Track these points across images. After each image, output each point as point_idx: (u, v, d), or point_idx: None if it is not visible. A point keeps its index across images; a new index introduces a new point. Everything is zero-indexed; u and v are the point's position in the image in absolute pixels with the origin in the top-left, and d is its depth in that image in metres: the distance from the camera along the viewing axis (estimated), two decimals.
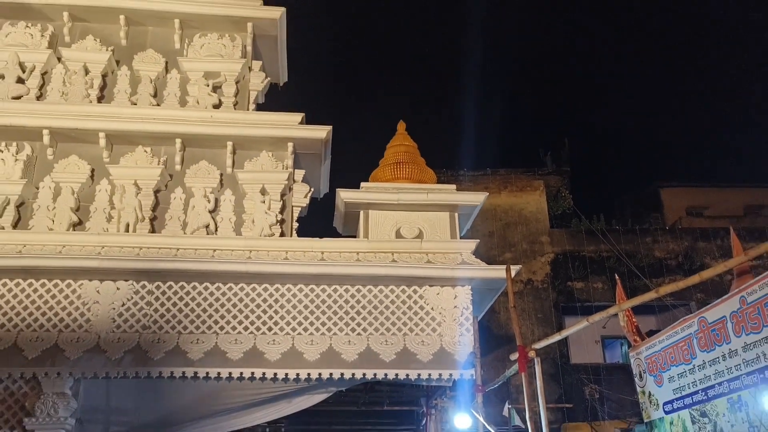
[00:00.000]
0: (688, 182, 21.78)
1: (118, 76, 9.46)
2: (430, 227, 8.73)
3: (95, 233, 8.20)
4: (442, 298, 8.13)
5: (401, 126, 9.85)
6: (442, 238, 8.64)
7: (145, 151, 8.89)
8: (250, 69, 9.89)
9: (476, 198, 8.91)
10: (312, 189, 9.24)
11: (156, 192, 8.74)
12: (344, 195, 8.70)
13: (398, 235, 8.65)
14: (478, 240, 8.75)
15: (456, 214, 8.85)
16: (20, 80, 9.08)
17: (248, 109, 9.61)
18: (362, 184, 8.97)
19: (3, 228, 8.19)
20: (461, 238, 8.94)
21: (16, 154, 8.59)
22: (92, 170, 8.75)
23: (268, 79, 10.10)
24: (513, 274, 8.00)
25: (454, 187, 9.27)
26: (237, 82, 9.66)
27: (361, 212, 8.81)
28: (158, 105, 9.31)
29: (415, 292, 8.18)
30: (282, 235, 8.66)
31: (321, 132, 9.02)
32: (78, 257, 7.75)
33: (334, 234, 9.34)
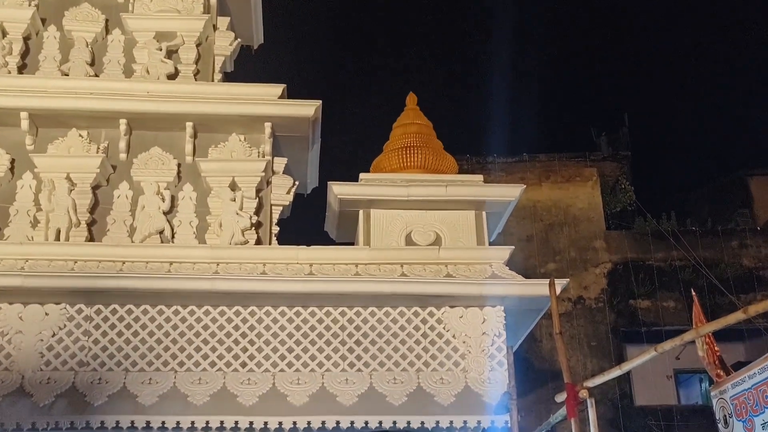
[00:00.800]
0: None
1: (44, 39, 9.49)
2: (450, 230, 8.72)
3: (16, 242, 8.19)
4: (466, 323, 8.12)
5: (411, 99, 9.84)
6: (465, 244, 8.63)
7: (80, 135, 8.91)
8: (215, 28, 9.91)
9: (510, 192, 8.88)
10: (297, 183, 9.25)
11: (95, 188, 8.75)
12: (338, 190, 8.70)
13: (409, 241, 8.64)
14: (513, 246, 8.73)
15: (484, 213, 8.85)
16: None
17: (213, 80, 9.63)
18: (361, 175, 8.97)
19: None
20: (491, 243, 8.91)
21: None
22: (12, 161, 8.76)
23: (239, 40, 10.13)
24: (559, 290, 7.96)
25: (480, 177, 9.26)
26: (198, 45, 9.68)
27: (361, 212, 8.81)
28: (96, 76, 9.34)
29: (431, 315, 8.17)
30: (258, 242, 8.66)
31: (308, 108, 9.02)
32: None
33: (325, 240, 9.33)
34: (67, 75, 9.24)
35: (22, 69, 9.33)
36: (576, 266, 17.86)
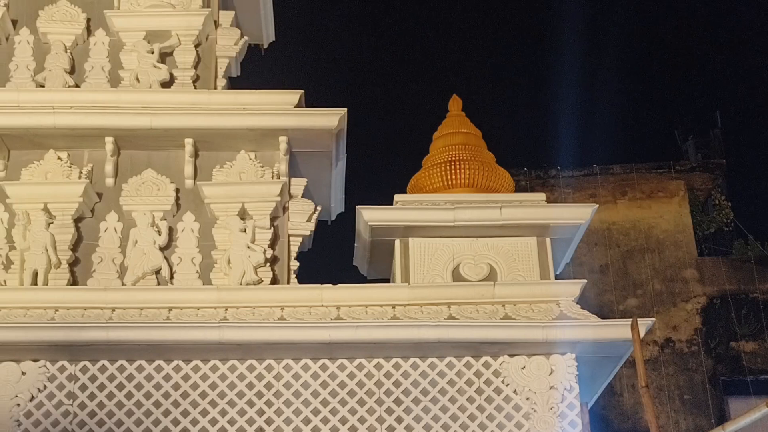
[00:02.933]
0: None
1: (15, 45, 9.67)
2: (506, 262, 8.71)
3: None
4: (530, 375, 8.09)
5: (455, 104, 9.88)
6: (526, 278, 8.62)
7: (59, 158, 9.05)
8: (216, 24, 10.04)
9: (579, 213, 8.87)
10: (319, 208, 9.30)
11: (77, 221, 8.87)
12: (369, 216, 8.73)
13: (457, 275, 8.64)
14: (585, 280, 8.69)
15: (547, 240, 8.84)
16: None
17: (216, 87, 9.75)
18: (397, 197, 9.00)
19: None
20: (557, 276, 8.89)
21: None
22: None
23: (245, 38, 10.24)
24: (643, 332, 7.91)
25: (542, 196, 9.24)
26: (197, 46, 9.81)
27: (397, 241, 8.83)
28: (77, 86, 9.50)
29: (486, 366, 8.15)
30: (275, 281, 8.71)
31: (330, 118, 9.09)
32: None
33: (355, 277, 9.36)
34: (43, 86, 9.40)
35: None
36: (662, 302, 17.69)
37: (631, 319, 8.02)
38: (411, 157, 10.29)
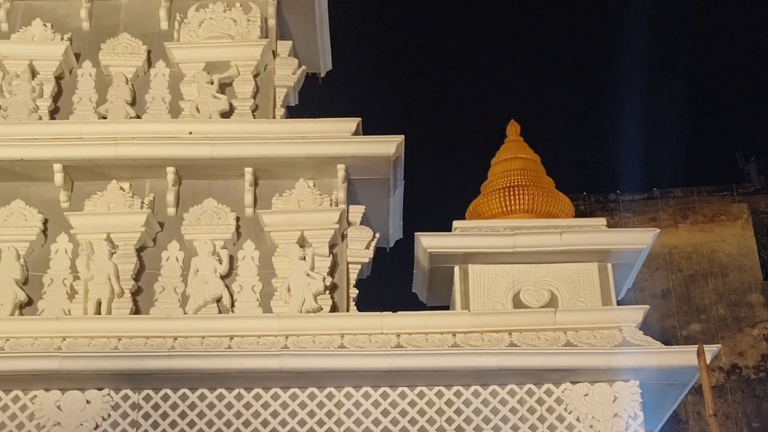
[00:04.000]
0: None
1: (78, 78, 9.89)
2: (567, 288, 8.68)
3: (52, 318, 8.47)
4: (593, 402, 8.02)
5: (513, 129, 9.88)
6: (587, 304, 8.58)
7: (122, 188, 9.21)
8: (274, 54, 10.16)
9: (640, 238, 8.80)
10: (378, 235, 9.33)
11: (139, 250, 9.01)
12: (428, 242, 8.74)
13: (517, 302, 8.62)
14: (647, 306, 8.59)
15: (609, 265, 8.78)
16: None
17: (274, 116, 9.85)
18: (455, 223, 9.00)
19: None
20: (619, 302, 8.82)
21: None
22: (45, 221, 9.10)
23: (303, 68, 10.34)
24: (709, 359, 7.80)
25: (603, 221, 9.20)
26: (256, 76, 9.94)
27: (457, 268, 8.83)
28: (138, 117, 9.67)
29: (548, 393, 8.09)
30: (334, 309, 8.75)
31: (388, 145, 9.14)
32: (28, 356, 8.01)
33: (414, 304, 9.35)
34: (105, 118, 9.59)
35: (54, 113, 9.73)
36: (727, 327, 17.42)
37: (696, 346, 7.91)
38: (469, 183, 10.27)
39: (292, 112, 10.52)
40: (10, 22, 10.18)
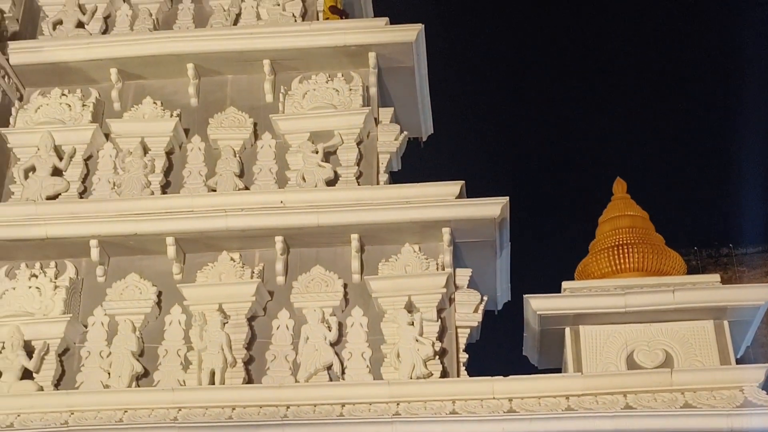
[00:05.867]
0: None
1: (188, 152, 10.21)
2: (683, 347, 8.50)
3: (167, 389, 8.65)
4: None
5: (620, 186, 9.80)
6: (704, 363, 8.39)
7: (232, 259, 9.42)
8: (376, 121, 10.33)
9: (757, 293, 8.59)
10: (485, 298, 9.30)
11: (250, 320, 9.16)
12: (537, 304, 8.68)
13: (631, 363, 8.48)
14: None
15: (725, 323, 8.60)
16: (57, 171, 10.04)
17: (378, 182, 9.98)
18: (564, 284, 8.92)
19: (42, 388, 8.89)
20: (738, 361, 8.60)
21: (56, 278, 9.39)
22: (159, 294, 9.36)
23: (405, 133, 10.48)
24: None
25: (717, 277, 8.99)
26: (359, 143, 10.11)
27: (568, 330, 8.74)
28: (247, 188, 9.89)
29: None
30: (445, 374, 8.71)
31: (493, 207, 9.15)
32: (145, 427, 8.19)
33: (526, 367, 9.26)
34: (215, 190, 9.84)
35: (165, 188, 10.04)
36: None
37: None
38: (577, 242, 10.18)
39: (395, 177, 10.63)
40: (122, 101, 10.59)
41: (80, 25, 11.02)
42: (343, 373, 8.82)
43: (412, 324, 8.80)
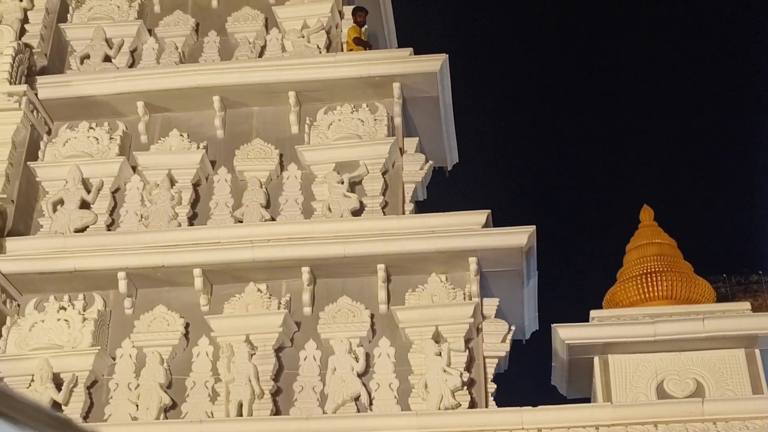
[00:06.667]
0: None
1: (214, 183, 10.26)
2: (713, 376, 8.44)
3: (195, 421, 8.67)
4: None
5: (647, 214, 9.78)
6: (735, 392, 8.34)
7: (259, 290, 9.43)
8: (402, 151, 10.35)
9: None
10: (513, 327, 9.27)
11: (278, 351, 9.16)
12: (565, 334, 8.64)
13: (661, 392, 8.43)
14: None
15: (756, 351, 8.55)
16: (85, 204, 10.13)
17: (404, 212, 9.97)
18: (593, 313, 8.88)
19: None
20: None
21: (84, 310, 9.45)
22: (186, 325, 9.39)
23: (430, 162, 10.50)
24: None
25: (747, 305, 8.96)
26: (384, 173, 10.13)
27: (596, 359, 8.71)
28: (273, 219, 9.92)
29: None
30: (473, 404, 8.67)
31: (520, 236, 9.13)
32: None
33: (554, 397, 9.21)
34: (242, 221, 9.88)
35: (192, 219, 10.10)
36: None
37: None
38: (604, 270, 10.14)
39: (420, 207, 10.65)
40: (149, 133, 10.68)
41: (107, 59, 11.15)
42: (370, 404, 8.79)
43: (440, 354, 8.77)
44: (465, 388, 8.71)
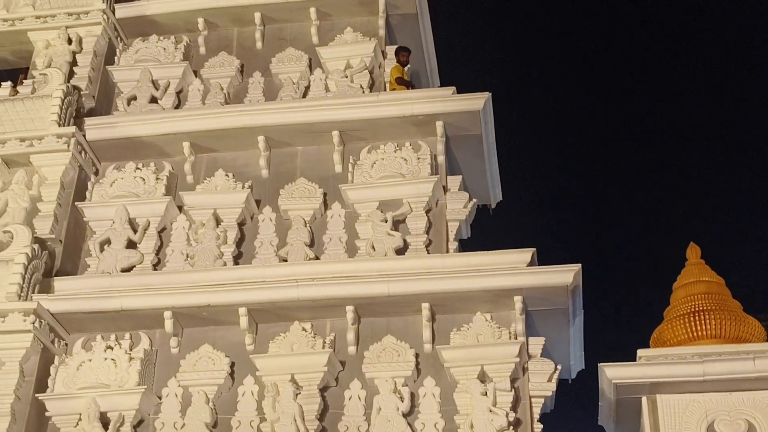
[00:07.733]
0: None
1: (259, 222, 10.31)
2: (765, 417, 8.32)
3: None
4: None
5: (694, 252, 9.70)
6: None
7: (304, 329, 9.45)
8: (445, 190, 10.36)
9: None
10: (559, 367, 9.19)
11: (323, 390, 9.15)
12: (613, 373, 8.56)
13: None
14: None
15: None
16: (131, 244, 10.24)
17: (447, 250, 9.96)
18: (640, 352, 8.81)
19: None
20: None
21: (130, 350, 9.52)
22: (232, 364, 9.42)
23: (474, 201, 10.49)
24: None
25: None
26: (428, 212, 10.14)
27: (644, 399, 8.62)
28: (317, 258, 9.96)
29: None
30: None
31: (565, 274, 9.07)
32: None
33: None
34: (286, 260, 9.92)
35: (238, 258, 10.16)
36: None
37: None
38: (651, 309, 10.05)
39: (464, 245, 10.62)
40: (195, 173, 10.80)
41: (153, 100, 11.32)
42: None
43: (486, 394, 8.71)
44: (511, 428, 8.63)
